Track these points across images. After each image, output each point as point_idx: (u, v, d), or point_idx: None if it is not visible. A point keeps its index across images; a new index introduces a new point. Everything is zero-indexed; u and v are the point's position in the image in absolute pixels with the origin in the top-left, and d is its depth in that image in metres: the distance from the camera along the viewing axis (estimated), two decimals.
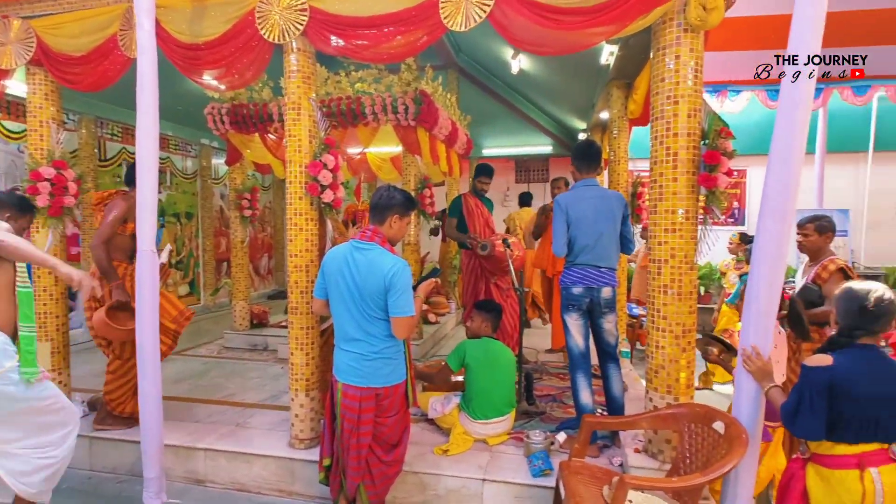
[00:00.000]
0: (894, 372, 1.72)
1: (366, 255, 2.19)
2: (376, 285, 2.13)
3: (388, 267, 2.13)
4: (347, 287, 2.20)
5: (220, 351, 5.13)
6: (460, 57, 6.57)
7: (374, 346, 2.21)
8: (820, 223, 2.94)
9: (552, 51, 2.60)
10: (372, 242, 2.22)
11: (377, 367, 2.22)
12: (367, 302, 2.17)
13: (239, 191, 5.15)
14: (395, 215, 2.28)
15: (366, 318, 2.19)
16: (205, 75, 2.95)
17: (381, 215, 2.27)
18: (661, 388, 2.44)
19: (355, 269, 2.18)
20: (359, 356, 2.22)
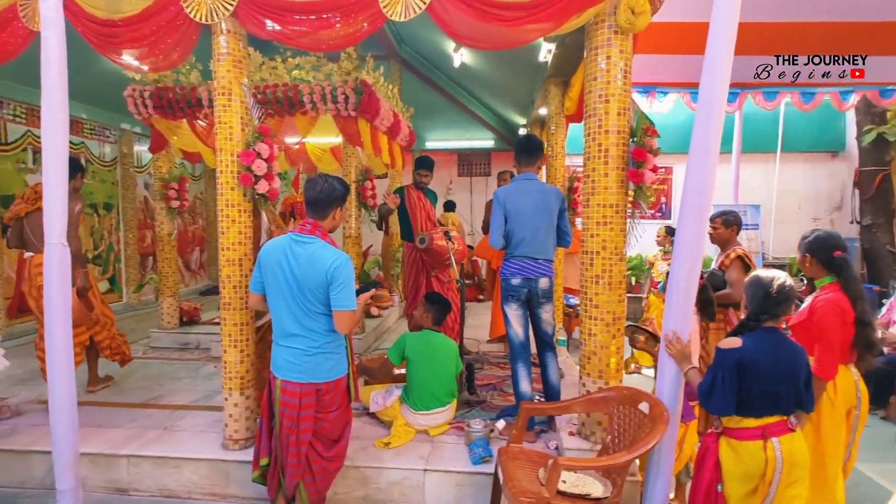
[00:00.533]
0: (792, 352, 1.91)
1: (306, 249, 2.13)
2: (317, 279, 2.09)
3: (330, 260, 2.09)
4: (286, 281, 2.13)
5: (147, 351, 4.81)
6: (403, 48, 6.52)
7: (314, 341, 2.16)
8: (726, 217, 3.25)
9: (491, 46, 2.64)
10: (312, 236, 2.16)
11: (318, 362, 2.17)
12: (307, 297, 2.11)
13: (165, 180, 4.82)
14: (337, 207, 2.23)
15: (306, 313, 2.13)
16: (124, 55, 2.73)
17: (323, 210, 2.19)
18: (593, 374, 2.57)
19: (295, 263, 2.11)
20: (299, 352, 2.16)
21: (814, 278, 2.31)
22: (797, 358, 1.91)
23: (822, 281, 2.26)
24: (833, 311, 2.13)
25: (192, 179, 7.62)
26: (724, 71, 2.01)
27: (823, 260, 2.24)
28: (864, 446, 3.44)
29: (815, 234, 2.30)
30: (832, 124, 8.24)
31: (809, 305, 2.23)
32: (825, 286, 2.24)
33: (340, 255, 2.13)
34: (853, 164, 7.65)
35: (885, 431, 3.70)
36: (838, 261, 2.20)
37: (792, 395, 1.89)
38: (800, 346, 1.95)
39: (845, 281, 2.18)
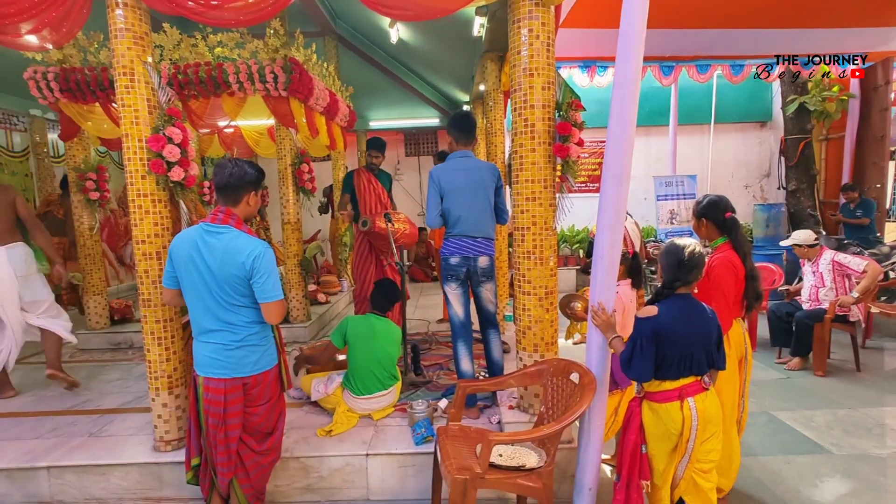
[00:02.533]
0: (704, 316, 2.00)
1: (220, 240, 2.01)
2: (235, 271, 1.99)
3: (248, 251, 1.99)
4: (200, 275, 2.02)
5: (74, 354, 4.51)
6: (338, 24, 6.26)
7: (235, 334, 2.07)
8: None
9: (412, 15, 2.56)
10: (226, 225, 2.04)
11: (241, 355, 2.09)
12: (224, 289, 2.01)
13: (80, 170, 4.45)
14: (250, 192, 2.11)
15: (224, 307, 2.04)
16: (3, 30, 2.45)
17: (235, 195, 2.07)
18: (528, 348, 2.61)
19: (209, 254, 2.00)
20: (220, 347, 2.07)
21: (708, 240, 2.44)
22: (708, 321, 2.00)
23: (716, 242, 2.42)
24: (728, 269, 2.28)
25: (118, 167, 7.12)
26: (637, 43, 2.02)
27: (716, 221, 2.39)
28: (778, 395, 3.73)
29: (707, 199, 2.46)
30: (760, 95, 8.65)
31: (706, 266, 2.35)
32: (718, 246, 2.39)
33: (258, 244, 2.03)
34: (780, 133, 8.07)
35: (802, 382, 4.01)
36: (729, 222, 2.37)
37: (705, 356, 1.98)
38: (710, 309, 2.04)
39: (735, 240, 2.36)
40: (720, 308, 2.19)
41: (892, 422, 3.27)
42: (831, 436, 3.12)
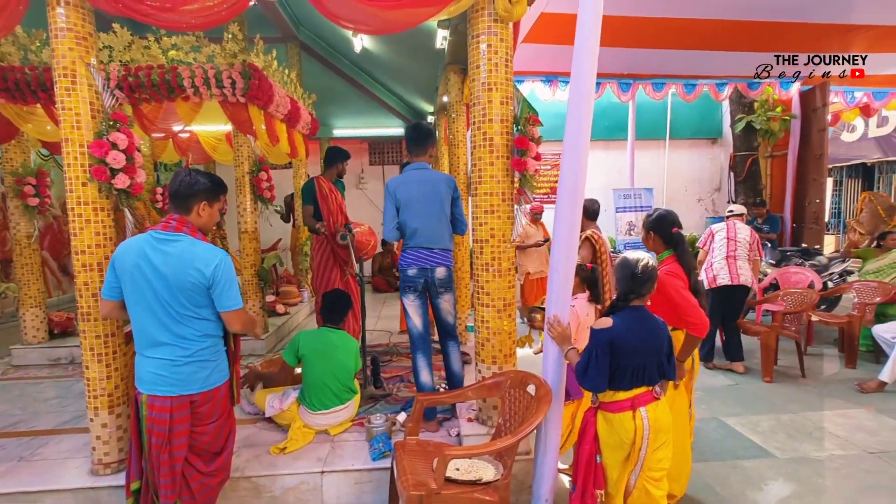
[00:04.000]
0: (656, 327, 2.05)
1: (174, 248, 1.93)
2: (192, 280, 1.91)
3: (207, 259, 1.92)
4: (149, 285, 1.92)
5: (7, 371, 4.20)
6: (301, 31, 6.19)
7: (186, 349, 1.97)
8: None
9: (374, 29, 2.55)
10: (179, 233, 1.96)
11: (190, 371, 1.99)
12: (177, 300, 1.92)
13: (18, 175, 4.19)
14: (202, 202, 2.03)
15: (175, 319, 1.94)
16: None
17: (185, 203, 2.00)
18: (487, 360, 2.61)
19: (162, 263, 1.91)
20: (167, 363, 1.96)
21: (655, 252, 2.53)
22: (660, 332, 2.06)
23: (662, 255, 2.50)
24: (677, 278, 2.34)
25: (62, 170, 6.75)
26: (591, 61, 2.08)
27: (663, 235, 2.48)
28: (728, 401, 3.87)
29: (657, 213, 2.55)
30: (711, 113, 9.10)
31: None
32: (664, 260, 2.48)
33: (217, 252, 1.96)
34: (729, 150, 8.49)
35: (750, 388, 4.18)
36: (675, 236, 2.46)
37: (656, 366, 2.03)
38: (662, 321, 2.10)
39: (680, 254, 2.43)
40: (689, 313, 2.25)
41: (831, 425, 3.45)
42: (776, 440, 3.26)
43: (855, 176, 10.43)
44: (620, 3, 4.47)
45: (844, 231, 10.03)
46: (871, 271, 5.08)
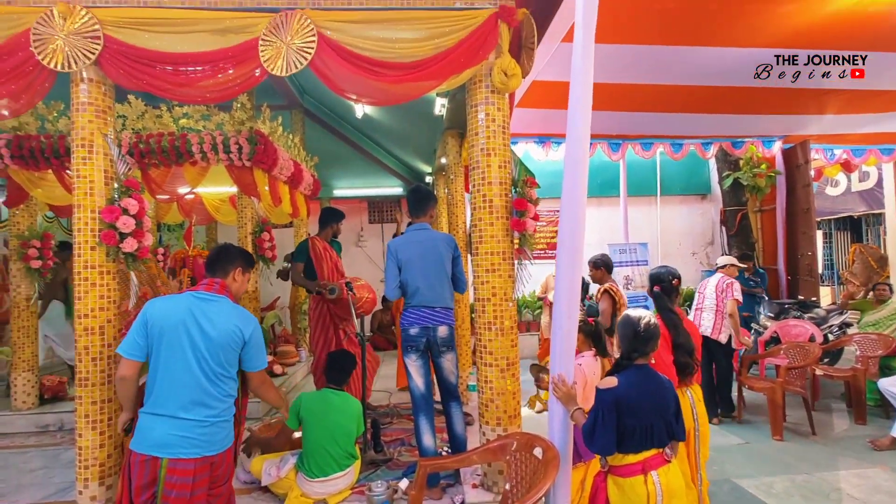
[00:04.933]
0: (662, 386, 2.04)
1: (217, 307, 2.03)
2: (234, 340, 2.01)
3: (247, 320, 2.07)
4: (192, 343, 1.94)
5: None
6: (305, 98, 6.51)
7: (213, 409, 1.97)
8: (594, 261, 4.01)
9: (378, 101, 2.70)
10: (221, 295, 2.08)
11: (214, 432, 1.97)
12: (217, 359, 1.97)
13: (23, 238, 4.25)
14: (237, 268, 2.19)
15: (210, 379, 1.96)
16: None
17: (223, 269, 2.17)
18: (491, 422, 2.56)
19: (207, 322, 1.97)
20: (196, 423, 1.93)
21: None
22: (666, 391, 2.04)
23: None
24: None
25: (66, 233, 6.83)
26: (584, 126, 2.19)
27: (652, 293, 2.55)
28: (739, 462, 3.74)
29: (655, 271, 2.62)
30: (699, 170, 9.43)
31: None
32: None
33: (250, 316, 2.13)
34: (719, 205, 8.72)
35: (761, 447, 4.06)
36: (655, 294, 2.51)
37: (664, 426, 1.99)
38: (667, 380, 2.08)
39: (660, 311, 2.47)
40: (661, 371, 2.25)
41: (847, 486, 3.33)
42: (791, 503, 3.13)
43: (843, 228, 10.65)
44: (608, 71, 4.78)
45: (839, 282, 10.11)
46: (870, 323, 5.09)
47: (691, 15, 3.88)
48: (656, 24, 4.00)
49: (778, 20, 4.00)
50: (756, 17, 3.98)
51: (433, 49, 2.48)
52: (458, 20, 2.52)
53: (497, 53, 2.55)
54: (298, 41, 2.43)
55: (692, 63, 4.58)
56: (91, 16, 2.38)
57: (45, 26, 2.34)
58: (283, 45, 2.43)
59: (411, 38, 2.51)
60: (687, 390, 2.48)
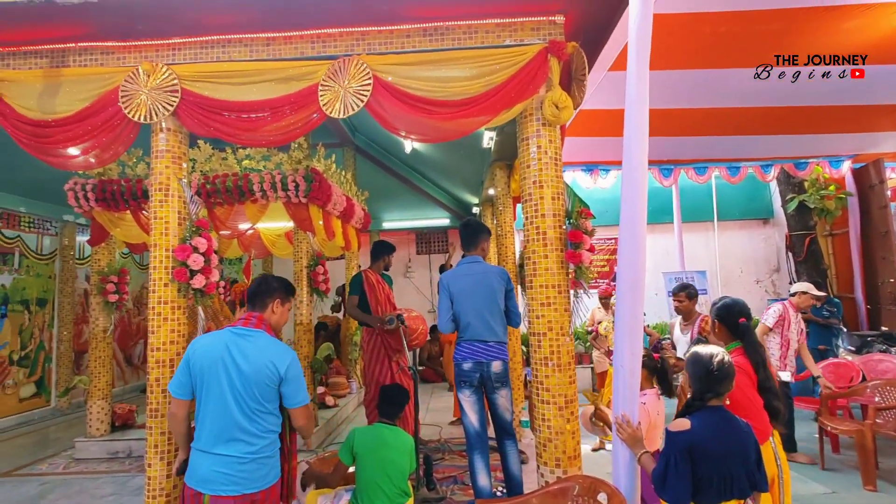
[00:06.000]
0: (739, 430, 1.88)
1: (253, 342, 2.04)
2: (269, 376, 1.99)
3: (282, 356, 2.03)
4: (230, 379, 1.98)
5: (69, 465, 4.29)
6: (357, 136, 6.78)
7: (252, 445, 1.98)
8: (689, 291, 3.80)
9: (431, 138, 2.77)
10: (258, 329, 2.09)
11: (253, 469, 1.98)
12: (253, 395, 1.98)
13: (103, 273, 4.59)
14: (276, 300, 2.19)
15: (246, 415, 1.98)
16: (55, 155, 2.69)
17: (262, 301, 2.17)
18: (549, 462, 2.45)
19: (242, 358, 1.99)
20: (233, 460, 1.96)
21: (723, 343, 2.37)
22: (745, 436, 1.88)
23: (729, 346, 2.32)
24: (741, 375, 2.16)
25: (139, 268, 7.34)
26: (641, 152, 2.14)
27: (729, 325, 2.33)
28: None
29: (722, 301, 2.42)
30: (760, 193, 8.96)
31: None
32: (731, 351, 2.29)
33: (291, 350, 2.09)
34: (783, 230, 8.22)
35: (851, 499, 3.65)
36: (742, 327, 2.30)
37: (745, 475, 1.83)
38: (746, 424, 1.93)
39: (748, 346, 2.26)
40: (750, 416, 2.07)
41: None
42: None
43: None
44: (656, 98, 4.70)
45: None
46: None
47: (745, 37, 3.78)
48: (707, 48, 3.91)
49: (841, 36, 3.83)
50: (818, 34, 3.82)
51: (484, 86, 2.53)
52: (507, 57, 2.56)
53: (548, 87, 2.57)
54: (355, 84, 2.55)
55: (747, 84, 4.42)
56: (171, 72, 2.60)
57: (132, 83, 2.59)
58: (341, 88, 2.56)
59: (463, 77, 2.57)
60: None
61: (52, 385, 6.22)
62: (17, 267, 5.82)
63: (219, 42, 2.68)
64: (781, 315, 4.35)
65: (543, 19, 2.65)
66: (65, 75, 2.63)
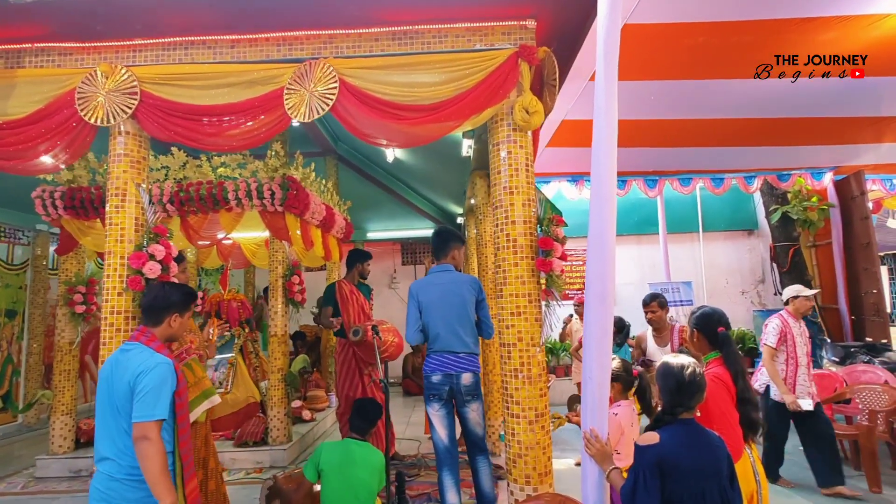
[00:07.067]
0: (711, 444, 1.80)
1: (125, 356, 1.92)
2: (124, 388, 1.84)
3: (136, 365, 1.85)
4: (107, 395, 1.89)
5: (28, 484, 4.09)
6: (339, 145, 6.72)
7: (121, 463, 1.84)
8: (660, 300, 3.61)
9: (399, 143, 2.71)
10: (135, 342, 1.96)
11: (125, 490, 1.83)
12: (118, 410, 1.86)
13: (70, 283, 4.45)
14: (174, 314, 2.05)
15: (117, 431, 1.86)
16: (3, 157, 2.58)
17: (158, 316, 2.03)
18: (519, 479, 2.35)
19: (111, 372, 1.91)
20: (107, 477, 1.85)
21: (701, 354, 2.30)
22: (718, 450, 1.80)
23: (708, 357, 2.26)
24: (719, 386, 2.09)
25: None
26: (609, 163, 2.09)
27: (708, 335, 2.26)
28: None
29: (701, 310, 2.36)
30: (744, 205, 9.00)
31: None
32: (710, 362, 2.24)
33: (151, 360, 1.87)
34: (768, 241, 8.24)
35: None
36: (721, 336, 2.23)
37: (717, 492, 1.75)
38: (718, 437, 1.85)
39: (727, 356, 2.19)
40: (724, 432, 2.00)
41: None
42: None
43: None
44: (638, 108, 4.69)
45: None
46: None
47: (723, 49, 3.77)
48: (686, 59, 3.90)
49: (818, 47, 3.83)
50: (794, 46, 3.82)
51: (454, 91, 2.48)
52: (477, 62, 2.52)
53: (518, 91, 2.52)
54: (321, 88, 2.48)
55: (728, 96, 4.42)
56: (130, 74, 2.53)
57: (89, 85, 2.50)
58: (307, 92, 2.49)
59: (432, 82, 2.51)
60: (746, 448, 2.20)
61: (19, 400, 6.00)
62: None
63: (181, 44, 2.61)
64: (782, 330, 3.80)
65: (514, 24, 2.61)
66: (19, 76, 2.54)
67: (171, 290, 2.07)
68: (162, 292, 2.05)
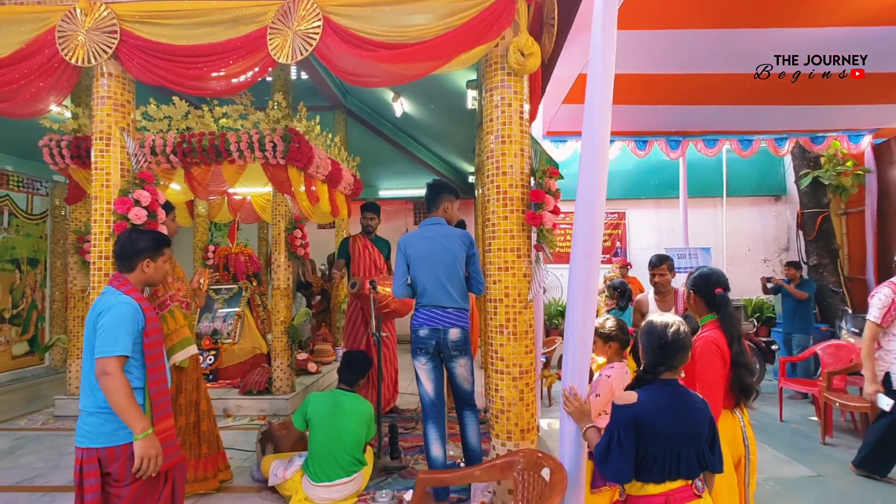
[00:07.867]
0: (692, 407, 1.72)
1: (98, 299, 1.98)
2: (91, 328, 1.92)
3: (101, 306, 1.91)
4: (88, 337, 1.94)
5: (47, 421, 4.33)
6: (348, 99, 6.56)
7: (95, 398, 1.88)
8: (670, 263, 3.53)
9: (381, 82, 2.59)
10: (108, 286, 1.99)
11: (97, 423, 1.87)
12: (90, 349, 1.91)
13: (80, 233, 4.54)
14: (145, 259, 2.05)
15: (91, 368, 1.90)
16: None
17: (128, 263, 2.04)
18: (501, 435, 2.33)
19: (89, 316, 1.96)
20: (84, 413, 1.91)
21: (697, 315, 2.19)
22: (698, 413, 1.72)
23: (704, 319, 2.15)
24: (711, 350, 1.99)
25: None
26: (603, 118, 1.93)
27: (705, 297, 2.14)
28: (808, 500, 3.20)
29: (699, 271, 2.23)
30: (773, 169, 8.53)
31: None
32: (706, 324, 2.13)
33: (113, 299, 1.91)
34: (796, 207, 7.84)
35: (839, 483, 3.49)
36: (718, 298, 2.10)
37: (695, 455, 1.68)
38: (701, 399, 1.77)
39: (724, 318, 2.07)
40: (706, 395, 1.91)
41: None
42: None
43: None
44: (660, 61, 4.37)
45: None
46: None
47: None
48: (714, 5, 3.58)
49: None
50: None
51: (443, 29, 2.31)
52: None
53: (515, 31, 2.34)
54: (304, 27, 2.35)
55: (761, 47, 4.06)
56: (109, 11, 2.44)
57: (69, 23, 2.43)
58: (290, 31, 2.37)
59: (422, 21, 2.35)
60: (736, 411, 2.12)
61: (45, 344, 6.30)
62: (5, 226, 5.83)
63: None
64: (892, 302, 3.12)
65: None
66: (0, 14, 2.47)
67: (138, 236, 2.06)
68: (129, 239, 2.04)
